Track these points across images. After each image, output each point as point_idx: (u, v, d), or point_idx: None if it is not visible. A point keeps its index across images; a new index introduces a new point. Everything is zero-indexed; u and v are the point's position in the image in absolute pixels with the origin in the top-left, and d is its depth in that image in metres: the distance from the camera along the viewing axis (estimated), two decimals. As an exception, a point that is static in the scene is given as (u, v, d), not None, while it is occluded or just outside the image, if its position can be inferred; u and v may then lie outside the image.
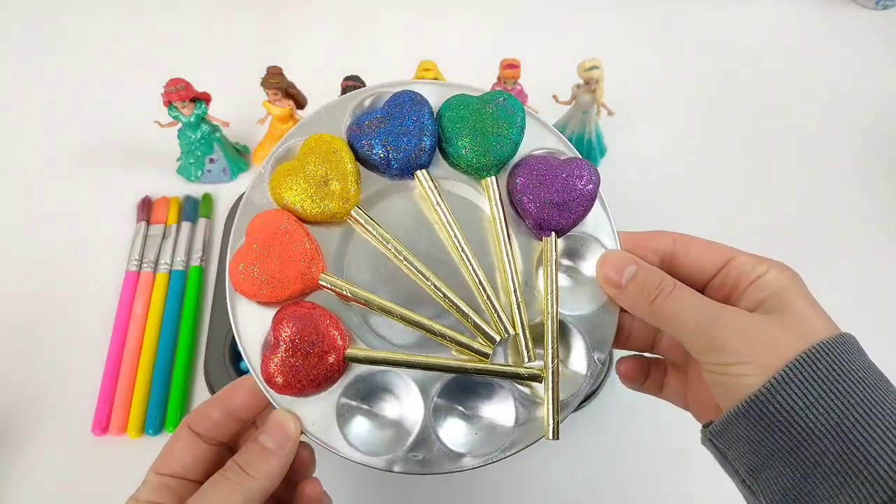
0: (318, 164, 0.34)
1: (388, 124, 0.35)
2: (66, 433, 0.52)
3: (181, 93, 0.57)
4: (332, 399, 0.33)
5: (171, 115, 0.59)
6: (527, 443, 0.34)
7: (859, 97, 0.73)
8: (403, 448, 0.33)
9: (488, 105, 0.36)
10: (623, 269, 0.33)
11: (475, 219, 0.36)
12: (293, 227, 0.33)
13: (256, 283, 0.33)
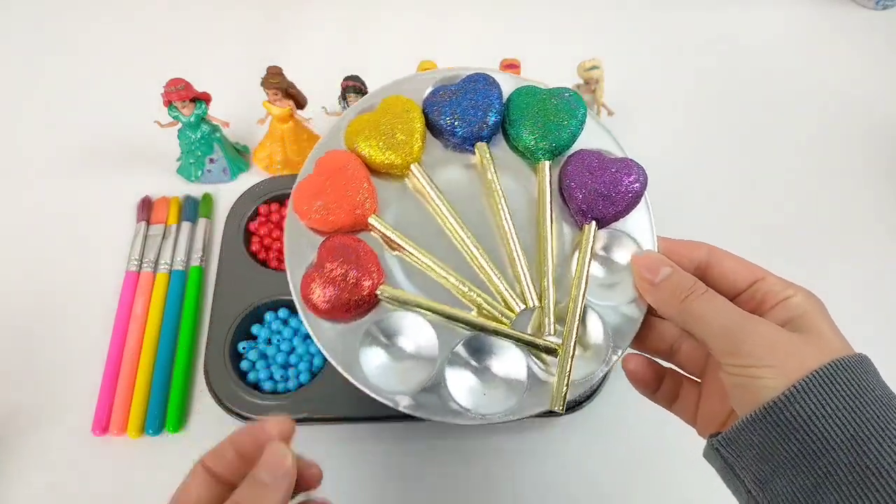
0: (391, 120, 0.38)
1: (459, 97, 0.39)
2: (66, 433, 0.52)
3: (181, 93, 0.57)
4: (356, 331, 0.35)
5: (171, 115, 0.59)
6: (531, 413, 0.35)
7: (859, 97, 0.73)
8: (412, 389, 0.35)
9: (554, 98, 0.39)
10: (658, 270, 0.35)
11: (520, 202, 0.38)
12: (357, 167, 0.37)
13: (313, 208, 0.36)
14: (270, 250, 0.59)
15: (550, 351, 0.35)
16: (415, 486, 0.51)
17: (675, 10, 0.80)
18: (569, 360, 0.35)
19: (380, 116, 0.38)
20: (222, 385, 0.52)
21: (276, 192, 0.62)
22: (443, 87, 0.40)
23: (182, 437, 0.52)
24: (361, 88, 0.58)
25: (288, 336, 0.54)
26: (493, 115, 0.38)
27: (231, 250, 0.58)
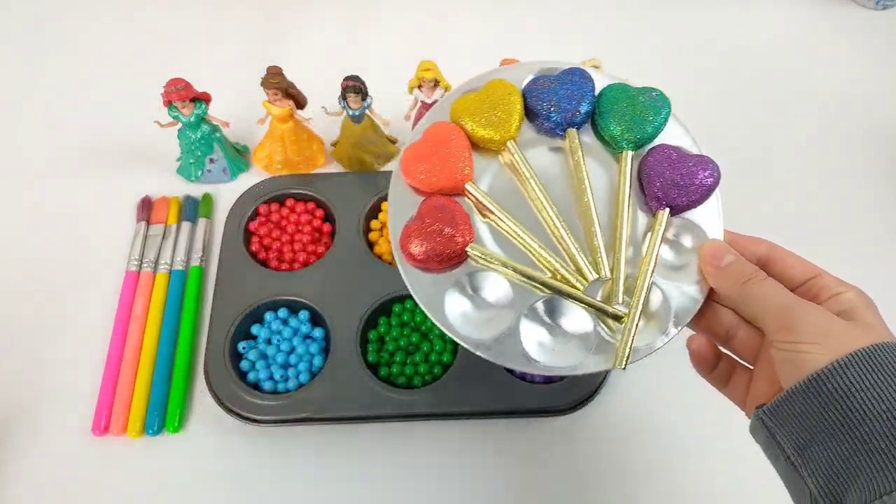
0: (493, 100, 0.42)
1: (557, 86, 0.43)
2: (66, 433, 0.52)
3: (181, 93, 0.57)
4: (444, 282, 0.39)
5: (171, 115, 0.59)
6: (592, 370, 0.38)
7: (859, 97, 0.73)
8: (487, 337, 0.38)
9: (642, 95, 0.42)
10: (723, 256, 0.38)
11: (600, 185, 0.42)
12: (460, 139, 0.41)
13: (418, 170, 0.41)
14: (270, 250, 0.59)
15: (617, 318, 0.39)
16: (414, 485, 0.51)
17: (675, 10, 0.80)
18: (634, 326, 0.38)
19: (484, 97, 0.43)
20: (222, 385, 0.52)
21: (276, 192, 0.62)
22: (543, 77, 0.44)
23: (182, 437, 0.52)
24: (361, 88, 0.58)
25: (288, 336, 0.54)
26: (586, 105, 0.42)
27: (231, 250, 0.58)
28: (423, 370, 0.53)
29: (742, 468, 0.52)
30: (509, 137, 0.42)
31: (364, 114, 0.60)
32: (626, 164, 0.42)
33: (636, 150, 0.42)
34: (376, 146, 0.64)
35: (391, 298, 0.56)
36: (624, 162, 0.42)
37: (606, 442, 0.53)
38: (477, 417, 0.52)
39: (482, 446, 0.52)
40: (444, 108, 0.43)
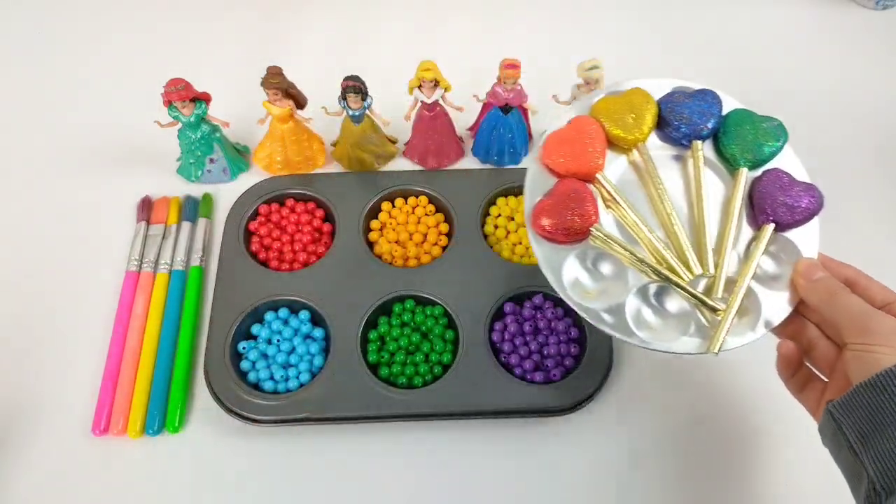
0: (631, 105, 0.48)
1: (691, 102, 0.49)
2: (66, 433, 0.52)
3: (181, 93, 0.57)
4: (564, 253, 0.45)
5: (171, 115, 0.59)
6: (684, 351, 0.44)
7: (859, 97, 0.73)
8: (601, 307, 0.44)
9: (764, 122, 0.49)
10: (816, 272, 0.44)
11: (713, 195, 0.48)
12: (598, 133, 0.47)
13: (558, 154, 0.47)
14: (271, 250, 0.59)
15: (714, 310, 0.44)
16: (415, 484, 0.51)
17: (675, 10, 0.80)
18: (730, 319, 0.43)
19: (623, 101, 0.49)
20: (223, 385, 0.52)
21: (276, 192, 0.62)
22: (679, 92, 0.49)
23: (182, 437, 0.52)
24: (361, 88, 0.58)
25: (288, 336, 0.54)
26: (713, 123, 0.48)
27: (231, 250, 0.58)
28: (424, 370, 0.53)
29: (741, 467, 0.52)
30: (639, 139, 0.48)
31: (364, 114, 0.60)
32: (741, 180, 0.47)
33: (751, 169, 0.48)
34: (376, 146, 0.64)
35: (391, 298, 0.56)
36: (740, 178, 0.47)
37: (606, 442, 0.53)
38: (477, 417, 0.52)
39: (482, 446, 0.52)
40: (588, 104, 0.50)
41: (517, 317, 0.55)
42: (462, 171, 0.65)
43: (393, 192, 0.62)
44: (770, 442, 0.53)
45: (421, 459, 0.52)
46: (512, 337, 0.54)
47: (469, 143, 0.67)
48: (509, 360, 0.54)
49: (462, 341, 0.53)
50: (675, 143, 0.49)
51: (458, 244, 0.59)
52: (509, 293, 0.56)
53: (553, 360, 0.53)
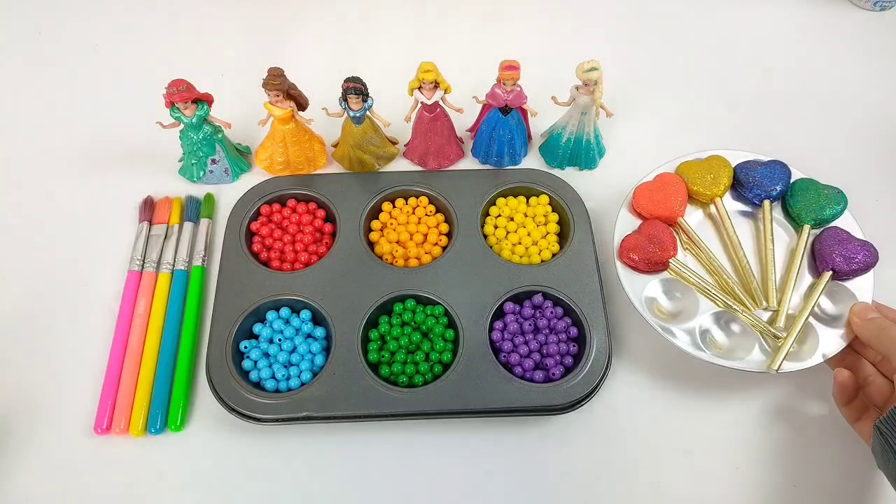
0: (711, 167, 0.60)
1: (763, 168, 0.59)
2: (69, 432, 0.52)
3: (183, 94, 0.57)
4: (645, 280, 0.55)
5: (173, 116, 0.60)
6: (745, 368, 0.51)
7: (857, 98, 0.73)
8: (676, 327, 0.53)
9: (827, 189, 0.58)
10: (870, 313, 0.51)
11: (779, 247, 0.58)
12: (681, 185, 0.59)
13: (646, 203, 0.58)
14: (272, 250, 0.60)
15: (776, 337, 0.52)
16: (415, 483, 0.51)
17: (674, 11, 0.81)
18: (790, 343, 0.51)
19: (704, 164, 0.60)
20: (224, 384, 0.52)
21: (277, 192, 0.62)
22: (754, 160, 0.60)
23: (184, 436, 0.53)
24: (362, 90, 0.58)
25: (290, 335, 0.55)
26: (781, 186, 0.58)
27: (233, 250, 0.59)
28: (424, 369, 0.53)
29: (741, 466, 0.52)
30: (716, 195, 0.59)
31: (365, 115, 0.60)
32: (805, 234, 0.57)
33: (813, 227, 0.57)
34: (377, 147, 0.64)
35: (392, 298, 0.56)
36: (804, 233, 0.57)
37: (605, 440, 0.53)
38: (477, 416, 0.52)
39: (483, 445, 0.53)
40: (673, 165, 0.61)
41: (517, 316, 0.56)
42: (462, 172, 0.65)
43: (393, 193, 0.62)
44: (771, 442, 0.53)
45: (421, 458, 0.52)
46: (512, 336, 0.55)
47: (469, 144, 0.67)
48: (509, 359, 0.54)
49: (462, 340, 0.54)
50: (747, 202, 0.60)
51: (458, 244, 0.59)
52: (509, 293, 0.56)
53: (553, 359, 0.54)
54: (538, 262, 0.59)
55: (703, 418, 0.54)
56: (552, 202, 0.62)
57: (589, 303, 0.55)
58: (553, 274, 0.57)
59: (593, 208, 0.62)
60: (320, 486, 0.51)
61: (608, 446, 0.53)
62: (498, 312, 0.56)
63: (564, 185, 0.62)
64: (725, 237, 0.58)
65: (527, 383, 0.52)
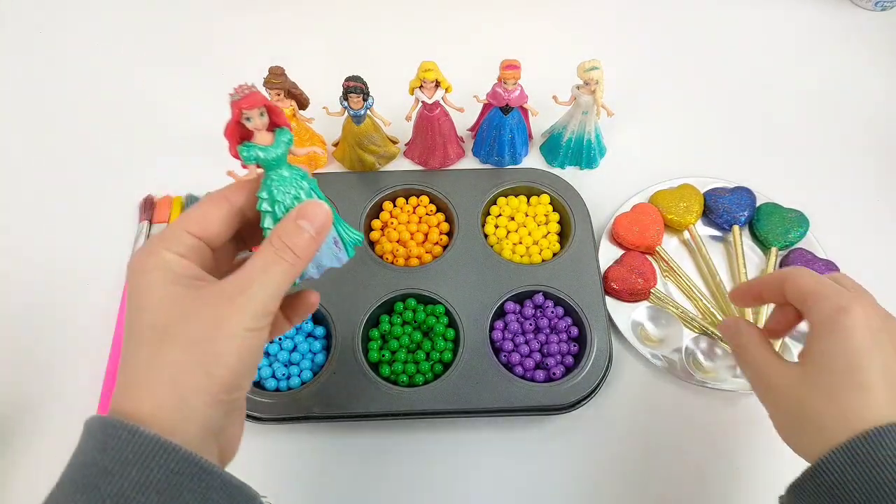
0: (682, 196, 0.63)
1: (730, 195, 0.62)
2: (69, 431, 0.52)
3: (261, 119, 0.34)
4: (632, 312, 0.57)
5: (247, 155, 0.34)
6: (739, 389, 0.54)
7: (858, 98, 0.73)
8: (662, 352, 0.56)
9: (789, 213, 0.62)
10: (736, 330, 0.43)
11: (749, 269, 0.60)
12: (657, 216, 0.61)
13: (626, 233, 0.60)
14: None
15: None
16: (415, 482, 0.51)
17: (674, 11, 0.81)
18: None
19: (677, 193, 0.63)
20: (225, 383, 0.52)
21: (278, 191, 0.62)
22: (721, 188, 0.63)
23: (185, 434, 0.53)
24: (363, 89, 0.58)
25: (290, 334, 0.55)
26: (748, 212, 0.62)
27: (233, 249, 0.58)
28: (425, 368, 0.53)
29: (740, 465, 0.52)
30: (690, 223, 0.62)
31: (365, 114, 0.60)
32: (773, 256, 0.60)
33: (780, 249, 0.60)
34: (378, 146, 0.64)
35: (393, 297, 0.56)
36: (772, 255, 0.60)
37: (605, 440, 0.53)
38: (478, 415, 0.52)
39: (484, 444, 0.53)
40: (647, 194, 0.63)
41: (518, 315, 0.56)
42: (463, 171, 0.65)
43: (394, 192, 0.62)
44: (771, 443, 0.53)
45: (422, 457, 0.52)
46: (513, 335, 0.55)
47: (470, 144, 0.67)
48: (510, 358, 0.54)
49: (463, 340, 0.54)
50: (717, 228, 0.62)
51: (458, 244, 0.59)
52: (510, 292, 0.56)
53: (554, 358, 0.54)
54: (539, 261, 0.59)
55: (703, 418, 0.54)
56: (553, 202, 0.62)
57: (590, 302, 0.55)
58: (554, 273, 0.57)
59: (594, 208, 0.62)
60: (320, 486, 0.51)
61: (609, 446, 0.53)
62: (499, 312, 0.56)
63: (565, 184, 0.62)
64: (701, 262, 0.61)
65: (527, 383, 0.52)
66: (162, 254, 0.31)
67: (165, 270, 0.31)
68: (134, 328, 0.31)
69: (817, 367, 0.36)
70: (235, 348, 0.30)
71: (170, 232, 0.32)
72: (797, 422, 0.36)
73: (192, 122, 0.69)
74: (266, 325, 0.32)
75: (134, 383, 0.30)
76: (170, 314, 0.30)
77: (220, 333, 0.30)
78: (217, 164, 0.66)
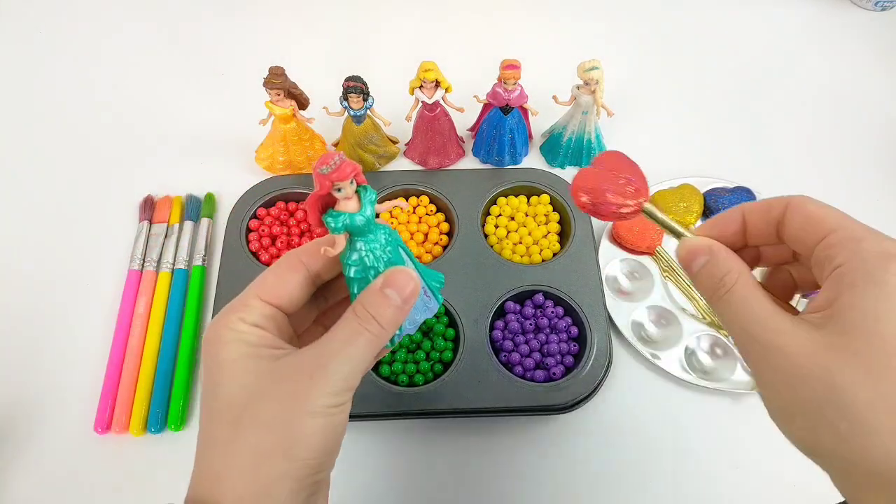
0: (682, 196, 0.62)
1: (730, 195, 0.62)
2: (68, 431, 0.52)
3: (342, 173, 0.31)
4: (632, 312, 0.57)
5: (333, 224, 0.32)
6: (741, 390, 0.53)
7: (858, 97, 0.73)
8: (662, 352, 0.55)
9: None
10: (696, 257, 0.30)
11: None
12: None
13: (626, 234, 0.60)
14: (272, 249, 0.59)
15: None
16: (415, 482, 0.51)
17: (674, 11, 0.81)
18: None
19: (676, 193, 0.63)
20: (224, 383, 0.52)
21: (278, 191, 0.62)
22: (721, 188, 0.63)
23: (184, 435, 0.53)
24: (363, 89, 0.58)
25: (290, 334, 0.55)
26: None
27: (233, 250, 0.58)
28: (425, 368, 0.53)
29: (740, 465, 0.52)
30: (690, 223, 0.61)
31: (365, 114, 0.60)
32: None
33: None
34: (378, 146, 0.64)
35: (392, 297, 0.56)
36: None
37: (605, 440, 0.53)
38: (477, 415, 0.52)
39: (484, 444, 0.52)
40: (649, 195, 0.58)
41: (518, 315, 0.56)
42: (463, 171, 0.65)
43: (394, 192, 0.62)
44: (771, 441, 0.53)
45: (421, 457, 0.52)
46: (513, 335, 0.55)
47: (470, 144, 0.67)
48: (510, 358, 0.54)
49: (463, 340, 0.54)
50: None
51: (459, 243, 0.59)
52: (510, 292, 0.56)
53: (554, 358, 0.54)
54: (539, 261, 0.59)
55: (703, 418, 0.54)
56: (553, 202, 0.62)
57: (590, 302, 0.55)
58: (554, 273, 0.57)
59: (594, 208, 0.62)
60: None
61: (609, 446, 0.53)
62: (499, 311, 0.56)
63: (565, 184, 0.62)
64: None
65: (527, 383, 0.52)
66: (236, 325, 0.30)
67: (240, 343, 0.29)
68: (211, 405, 0.29)
69: (856, 329, 0.24)
70: (317, 428, 0.28)
71: (244, 300, 0.31)
72: (819, 409, 0.25)
73: (191, 121, 0.69)
74: (349, 399, 0.30)
75: (213, 471, 0.29)
76: (247, 391, 0.29)
77: (299, 412, 0.28)
78: (217, 164, 0.67)
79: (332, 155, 0.31)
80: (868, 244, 0.26)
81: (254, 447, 0.28)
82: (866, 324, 0.24)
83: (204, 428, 0.30)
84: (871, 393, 0.23)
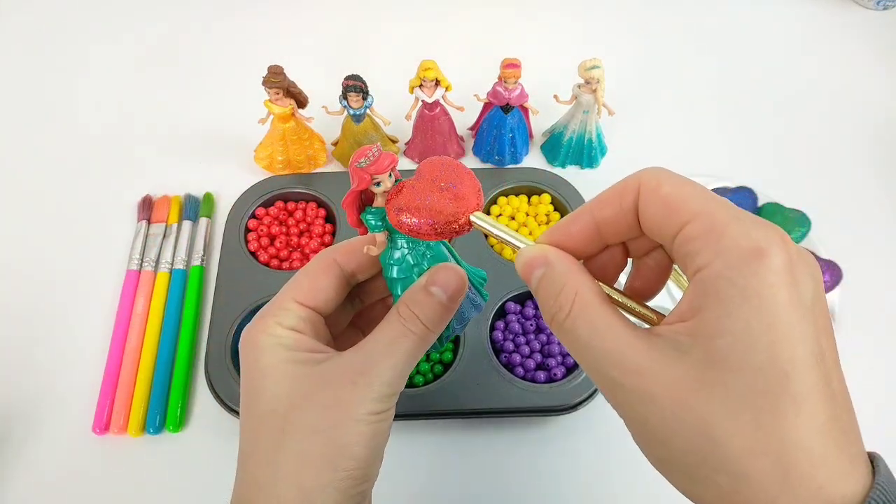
0: None
1: (732, 195, 0.60)
2: (66, 432, 0.52)
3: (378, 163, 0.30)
4: None
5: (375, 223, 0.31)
6: None
7: (860, 97, 0.73)
8: None
9: (791, 213, 0.60)
10: (532, 270, 0.25)
11: None
12: None
13: None
14: (271, 249, 0.59)
15: None
16: (415, 483, 0.51)
17: (675, 10, 0.81)
18: None
19: None
20: (223, 384, 0.52)
21: (277, 191, 0.62)
22: (721, 188, 0.62)
23: (183, 436, 0.52)
24: (362, 88, 0.58)
25: (289, 335, 0.54)
26: None
27: (232, 249, 0.58)
28: (425, 369, 0.53)
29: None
30: None
31: (365, 113, 0.60)
32: None
33: None
34: (377, 146, 0.64)
35: (392, 297, 0.56)
36: None
37: (607, 441, 0.53)
38: (478, 416, 0.52)
39: (483, 445, 0.52)
40: None
41: (519, 316, 0.55)
42: (463, 171, 0.65)
43: (394, 192, 0.62)
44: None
45: (421, 458, 0.52)
46: (513, 336, 0.54)
47: (470, 143, 0.67)
48: (511, 359, 0.54)
49: (463, 340, 0.53)
50: None
51: (459, 243, 0.59)
52: (511, 292, 0.56)
53: (555, 359, 0.53)
54: (540, 261, 0.59)
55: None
56: (554, 201, 0.62)
57: (591, 302, 0.55)
58: (555, 273, 0.57)
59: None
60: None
61: (610, 447, 0.52)
62: (499, 312, 0.56)
63: (566, 184, 0.62)
64: None
65: (528, 384, 0.52)
66: (274, 329, 0.29)
67: (279, 347, 0.29)
68: (252, 413, 0.29)
69: (726, 362, 0.21)
70: (361, 436, 0.27)
71: (279, 303, 0.30)
72: (696, 464, 0.24)
73: (190, 121, 0.69)
74: (392, 406, 0.29)
75: (257, 482, 0.28)
76: (289, 398, 0.28)
77: (343, 420, 0.27)
78: (215, 163, 0.66)
79: (368, 148, 0.29)
80: (731, 239, 0.21)
81: (297, 456, 0.27)
82: (736, 354, 0.21)
83: (245, 435, 0.29)
84: (749, 441, 0.21)
